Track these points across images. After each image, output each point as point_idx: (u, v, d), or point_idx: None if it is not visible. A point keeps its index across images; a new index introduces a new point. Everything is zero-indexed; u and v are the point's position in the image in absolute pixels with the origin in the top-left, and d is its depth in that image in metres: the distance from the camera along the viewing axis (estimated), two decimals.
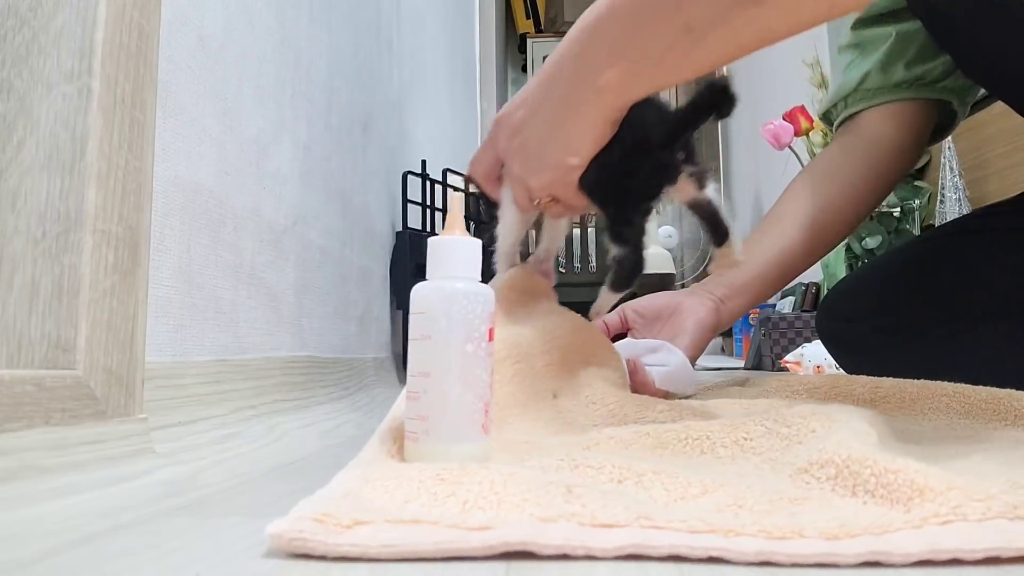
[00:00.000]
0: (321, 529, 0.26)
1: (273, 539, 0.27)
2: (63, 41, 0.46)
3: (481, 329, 0.41)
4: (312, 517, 0.27)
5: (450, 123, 2.14)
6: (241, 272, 0.70)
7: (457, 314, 0.40)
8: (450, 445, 0.39)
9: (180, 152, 0.59)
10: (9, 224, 0.44)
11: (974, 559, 0.25)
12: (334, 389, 0.90)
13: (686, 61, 0.49)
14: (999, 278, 0.76)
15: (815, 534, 0.26)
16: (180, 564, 0.27)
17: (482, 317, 0.41)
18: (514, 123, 0.58)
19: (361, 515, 0.27)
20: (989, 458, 0.40)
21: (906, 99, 0.86)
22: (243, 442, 0.57)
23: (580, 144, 0.54)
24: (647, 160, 0.54)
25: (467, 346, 0.40)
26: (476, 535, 0.26)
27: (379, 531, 0.27)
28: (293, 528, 0.26)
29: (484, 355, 0.41)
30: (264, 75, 0.77)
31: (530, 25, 4.05)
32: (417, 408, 0.40)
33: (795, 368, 2.00)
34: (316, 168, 0.92)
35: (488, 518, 0.27)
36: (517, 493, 0.30)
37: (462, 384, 0.40)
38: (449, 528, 0.27)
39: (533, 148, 0.57)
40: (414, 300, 0.41)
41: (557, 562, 0.26)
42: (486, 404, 0.40)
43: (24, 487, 0.36)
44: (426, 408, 0.39)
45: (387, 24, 1.34)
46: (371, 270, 1.19)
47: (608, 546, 0.26)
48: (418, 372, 0.40)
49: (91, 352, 0.44)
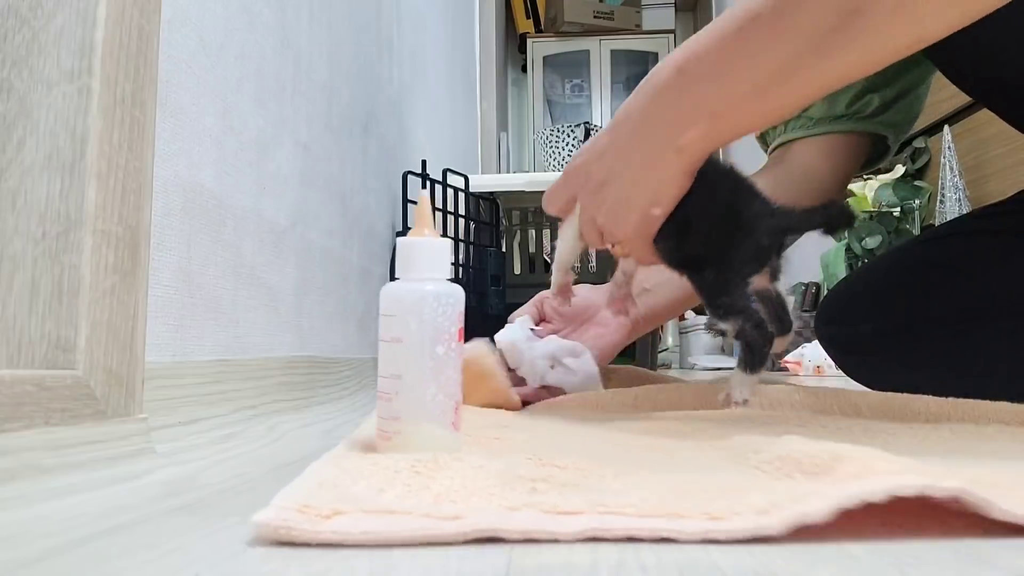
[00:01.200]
0: (304, 519, 0.28)
1: (260, 527, 0.28)
2: (63, 41, 0.46)
3: (451, 331, 0.41)
4: (295, 508, 0.28)
5: (450, 123, 2.15)
6: (241, 272, 0.70)
7: (428, 317, 0.40)
8: (422, 443, 0.39)
9: (180, 152, 0.59)
10: (9, 224, 0.44)
11: (880, 500, 0.28)
12: (334, 389, 0.90)
13: (766, 109, 0.52)
14: (998, 279, 0.76)
15: (746, 510, 0.29)
16: (180, 564, 0.27)
17: (452, 319, 0.41)
18: (594, 180, 0.61)
19: (340, 505, 0.29)
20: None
21: (843, 131, 0.84)
22: (243, 442, 0.57)
23: (663, 196, 0.57)
24: (749, 241, 0.55)
25: (438, 348, 0.40)
26: (449, 523, 0.28)
27: (357, 520, 0.28)
28: (278, 517, 0.28)
29: (454, 356, 0.41)
30: (264, 75, 0.77)
31: (530, 25, 4.05)
32: (390, 409, 0.40)
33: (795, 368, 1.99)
34: (316, 168, 0.92)
35: (459, 509, 0.29)
36: (485, 487, 0.32)
37: (435, 385, 0.40)
38: (423, 517, 0.28)
39: (617, 205, 0.59)
40: (384, 301, 0.41)
41: (557, 560, 0.26)
42: (456, 403, 0.41)
43: (24, 487, 0.36)
44: (399, 409, 0.40)
45: (387, 24, 1.34)
46: (371, 270, 1.19)
47: (569, 530, 0.28)
48: (390, 374, 0.40)
49: (91, 352, 0.44)
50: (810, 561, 0.26)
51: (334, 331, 0.98)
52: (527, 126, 4.04)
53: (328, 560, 0.27)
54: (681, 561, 0.26)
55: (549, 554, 0.27)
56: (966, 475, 0.31)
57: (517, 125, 4.20)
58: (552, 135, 3.58)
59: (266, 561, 0.27)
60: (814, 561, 0.26)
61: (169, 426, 0.52)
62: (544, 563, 0.26)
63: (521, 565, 0.26)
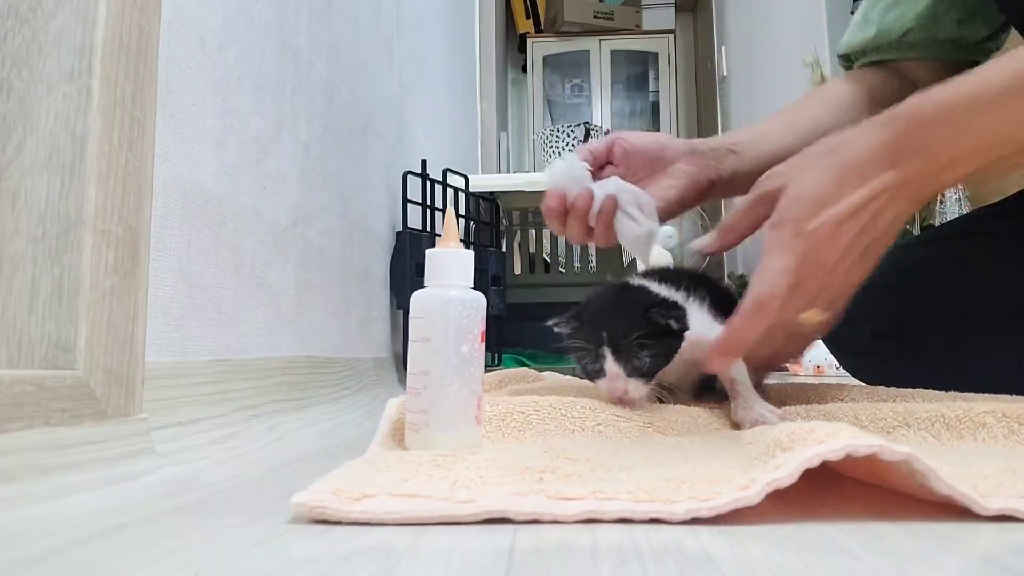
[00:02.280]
0: (336, 500, 0.31)
1: (297, 507, 0.31)
2: (63, 41, 0.46)
3: (474, 332, 0.45)
4: (329, 491, 0.32)
5: (450, 123, 2.14)
6: (241, 272, 0.70)
7: (453, 319, 0.44)
8: (448, 434, 0.44)
9: (180, 152, 0.59)
10: (9, 224, 0.44)
11: (836, 458, 0.32)
12: (334, 389, 0.90)
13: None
14: (998, 280, 0.76)
15: (732, 490, 0.32)
16: (180, 564, 0.27)
17: (475, 321, 0.45)
18: (790, 315, 0.53)
19: (367, 490, 0.32)
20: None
21: (945, 59, 0.76)
22: (243, 442, 0.57)
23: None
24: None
25: (463, 347, 0.44)
26: (463, 506, 0.32)
27: (383, 502, 0.32)
28: (314, 498, 0.31)
29: (477, 355, 0.45)
30: (264, 75, 0.77)
31: (530, 25, 4.05)
32: (418, 402, 0.44)
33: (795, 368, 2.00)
34: (316, 168, 0.92)
35: (472, 494, 0.32)
36: (497, 476, 0.35)
37: (460, 380, 0.44)
38: (440, 500, 0.32)
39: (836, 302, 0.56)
40: (414, 306, 0.46)
41: (558, 557, 0.26)
42: (479, 398, 0.45)
43: (24, 487, 0.36)
44: (426, 402, 0.44)
45: (387, 24, 1.34)
46: (371, 270, 1.19)
47: (569, 512, 0.31)
48: (418, 370, 0.44)
49: (91, 352, 0.44)
50: (810, 561, 0.26)
51: (334, 331, 0.98)
52: (527, 126, 4.04)
53: (327, 563, 0.27)
54: (680, 561, 0.26)
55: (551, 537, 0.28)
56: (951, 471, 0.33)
57: (517, 125, 4.20)
58: (552, 135, 3.58)
59: (266, 561, 0.27)
60: (814, 561, 0.26)
61: (169, 426, 0.52)
62: (546, 546, 0.26)
63: (524, 546, 0.26)
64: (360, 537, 0.29)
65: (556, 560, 0.27)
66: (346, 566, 0.26)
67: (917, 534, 0.29)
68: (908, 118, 0.52)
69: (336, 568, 0.26)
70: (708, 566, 0.26)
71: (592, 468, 0.38)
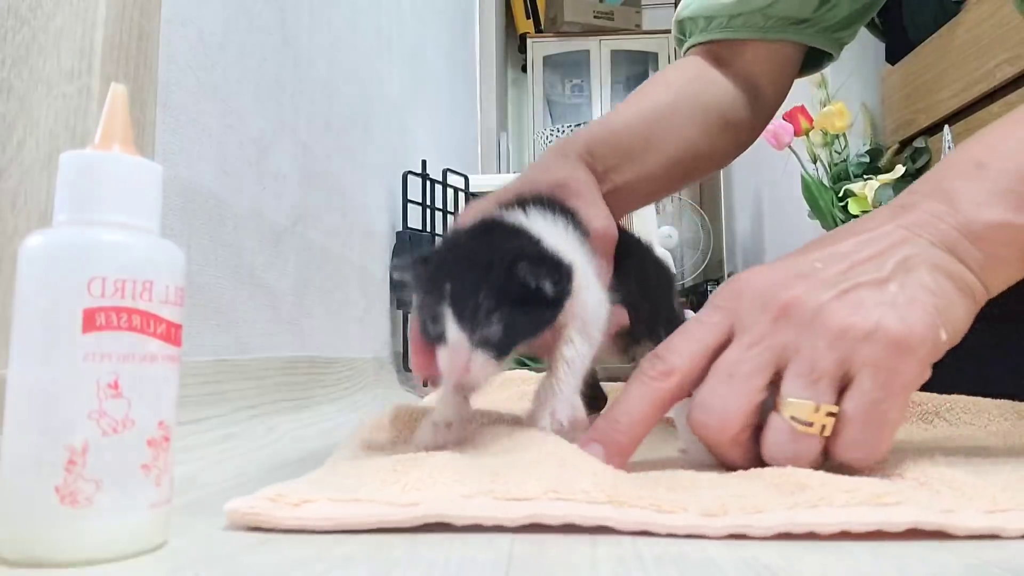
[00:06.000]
0: (272, 506, 0.30)
1: (230, 515, 0.30)
2: (63, 41, 0.46)
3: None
4: (268, 497, 0.31)
5: (450, 123, 2.14)
6: (241, 272, 0.70)
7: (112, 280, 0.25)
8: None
9: (180, 152, 0.59)
10: (9, 224, 0.44)
11: (830, 532, 0.28)
12: (334, 389, 0.90)
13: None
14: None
15: (695, 509, 0.30)
16: (180, 564, 0.27)
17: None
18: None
19: (310, 495, 0.31)
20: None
21: (799, 41, 0.70)
22: (243, 442, 0.57)
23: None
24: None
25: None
26: (404, 510, 0.30)
27: (322, 507, 0.30)
28: (246, 504, 0.30)
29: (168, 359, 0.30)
30: (264, 75, 0.77)
31: (530, 25, 4.05)
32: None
33: None
34: (316, 168, 0.92)
35: (419, 497, 0.30)
36: (451, 476, 0.33)
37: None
38: (384, 505, 0.30)
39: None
40: (25, 263, 0.27)
41: (558, 561, 0.27)
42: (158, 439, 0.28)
43: None
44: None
45: (387, 24, 1.34)
46: (371, 270, 1.19)
47: (515, 516, 0.29)
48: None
49: None
50: (810, 561, 0.26)
51: (334, 331, 0.98)
52: (527, 126, 4.04)
53: (327, 563, 0.27)
54: (681, 561, 0.26)
55: (552, 549, 0.27)
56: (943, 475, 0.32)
57: (517, 125, 4.20)
58: (552, 135, 3.58)
59: (266, 561, 0.27)
60: (814, 561, 0.26)
61: None
62: (545, 560, 0.26)
63: (523, 556, 0.26)
64: (360, 537, 0.29)
65: (556, 561, 0.27)
66: (346, 566, 0.26)
67: (917, 534, 0.29)
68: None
69: (336, 568, 0.26)
70: (708, 566, 0.26)
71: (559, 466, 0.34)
